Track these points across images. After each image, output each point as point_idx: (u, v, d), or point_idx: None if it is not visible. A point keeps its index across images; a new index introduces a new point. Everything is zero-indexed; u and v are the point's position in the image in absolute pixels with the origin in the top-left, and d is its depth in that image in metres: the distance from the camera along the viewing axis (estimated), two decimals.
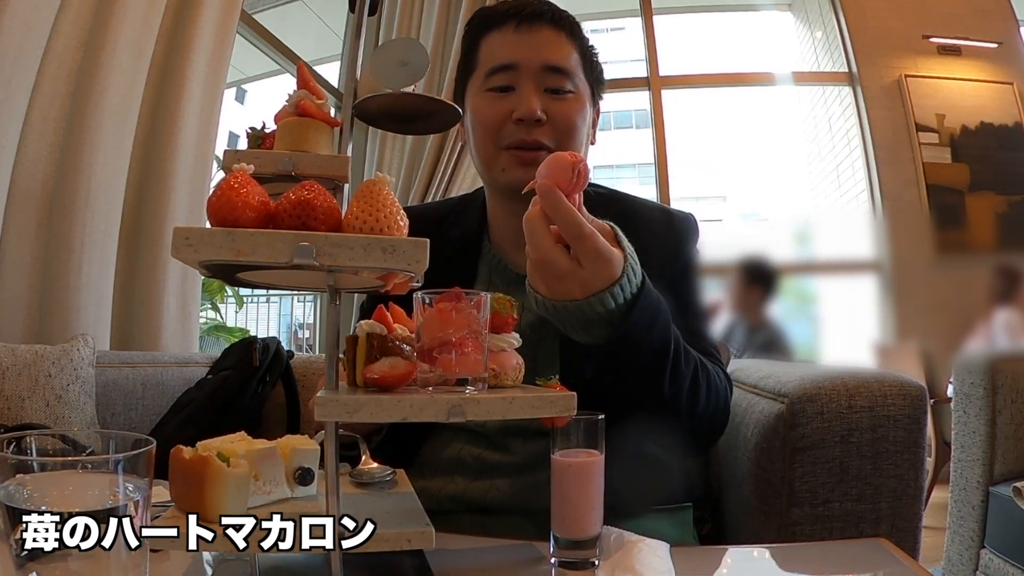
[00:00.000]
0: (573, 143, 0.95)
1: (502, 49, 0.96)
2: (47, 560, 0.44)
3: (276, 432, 0.70)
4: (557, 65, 0.95)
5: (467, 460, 0.97)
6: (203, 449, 0.64)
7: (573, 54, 0.97)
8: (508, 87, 0.95)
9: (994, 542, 1.56)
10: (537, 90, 0.94)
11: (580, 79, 0.97)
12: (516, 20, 0.96)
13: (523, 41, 0.95)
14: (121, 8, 1.86)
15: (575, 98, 0.96)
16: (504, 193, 1.00)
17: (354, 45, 0.68)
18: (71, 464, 0.45)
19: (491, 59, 0.97)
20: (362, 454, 0.77)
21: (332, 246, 0.52)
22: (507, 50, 0.96)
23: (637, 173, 7.66)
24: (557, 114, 0.94)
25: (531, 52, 0.94)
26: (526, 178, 0.92)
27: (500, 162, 0.96)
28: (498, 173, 0.97)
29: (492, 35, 0.98)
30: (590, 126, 1.01)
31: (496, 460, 0.96)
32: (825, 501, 0.93)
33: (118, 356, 1.66)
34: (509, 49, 0.95)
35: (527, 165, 0.94)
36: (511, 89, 0.95)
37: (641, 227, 1.01)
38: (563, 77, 0.95)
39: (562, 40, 0.96)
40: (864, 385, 0.94)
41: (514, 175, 0.95)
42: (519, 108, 0.93)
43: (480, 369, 0.60)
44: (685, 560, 0.69)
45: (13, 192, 1.66)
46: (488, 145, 0.97)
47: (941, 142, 3.80)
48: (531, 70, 0.94)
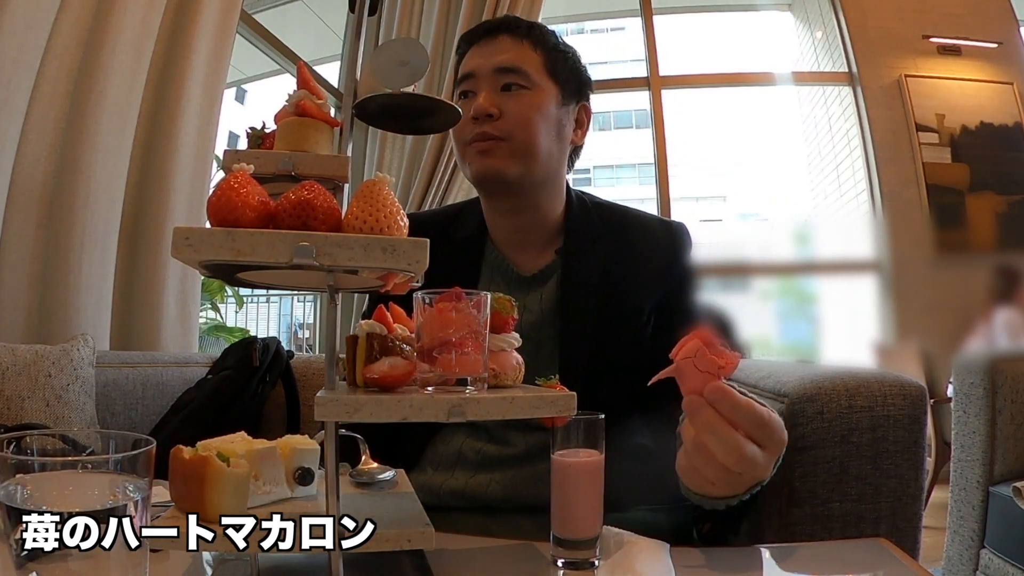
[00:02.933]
0: (528, 134, 1.01)
1: (468, 62, 1.06)
2: (47, 560, 0.44)
3: (276, 432, 0.70)
4: (508, 66, 1.02)
5: (468, 455, 0.98)
6: (203, 449, 0.64)
7: (531, 55, 1.04)
8: (470, 92, 1.04)
9: (994, 542, 1.56)
10: (492, 90, 1.02)
11: (540, 77, 1.03)
12: (480, 36, 1.07)
13: (482, 52, 1.05)
14: (121, 8, 1.86)
15: (531, 94, 1.02)
16: (477, 188, 1.06)
17: (354, 45, 0.68)
18: (71, 464, 0.45)
19: (460, 72, 1.07)
20: (362, 454, 0.77)
21: (332, 246, 0.52)
22: (470, 62, 1.06)
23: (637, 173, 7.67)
24: (510, 108, 1.01)
25: (486, 60, 1.04)
26: (484, 167, 1.02)
27: (467, 158, 1.03)
28: (467, 168, 1.04)
29: (467, 54, 1.08)
30: (560, 122, 1.05)
31: (496, 453, 0.98)
32: (825, 501, 0.93)
33: (118, 356, 1.66)
34: (471, 60, 1.06)
35: (483, 155, 1.01)
36: (473, 94, 1.03)
37: (638, 238, 1.07)
38: (515, 75, 1.02)
39: (520, 45, 1.04)
40: (864, 385, 0.94)
41: (475, 166, 1.02)
42: (473, 106, 1.01)
43: (480, 369, 0.60)
44: (685, 560, 0.69)
45: (13, 192, 1.66)
46: (458, 145, 1.05)
47: (941, 142, 3.80)
48: (486, 74, 1.03)
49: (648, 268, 1.04)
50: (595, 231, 1.06)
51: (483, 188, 1.05)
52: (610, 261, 1.03)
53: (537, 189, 1.04)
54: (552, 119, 1.04)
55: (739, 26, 6.36)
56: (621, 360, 0.99)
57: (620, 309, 1.01)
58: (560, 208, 1.08)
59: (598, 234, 1.06)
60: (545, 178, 1.04)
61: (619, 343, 1.00)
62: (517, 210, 1.05)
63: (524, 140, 1.00)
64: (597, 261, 1.03)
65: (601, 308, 1.01)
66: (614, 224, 1.08)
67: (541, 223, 1.06)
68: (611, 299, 1.01)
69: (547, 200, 1.06)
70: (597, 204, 1.11)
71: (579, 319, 1.00)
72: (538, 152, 1.02)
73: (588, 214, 1.08)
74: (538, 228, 1.06)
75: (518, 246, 1.07)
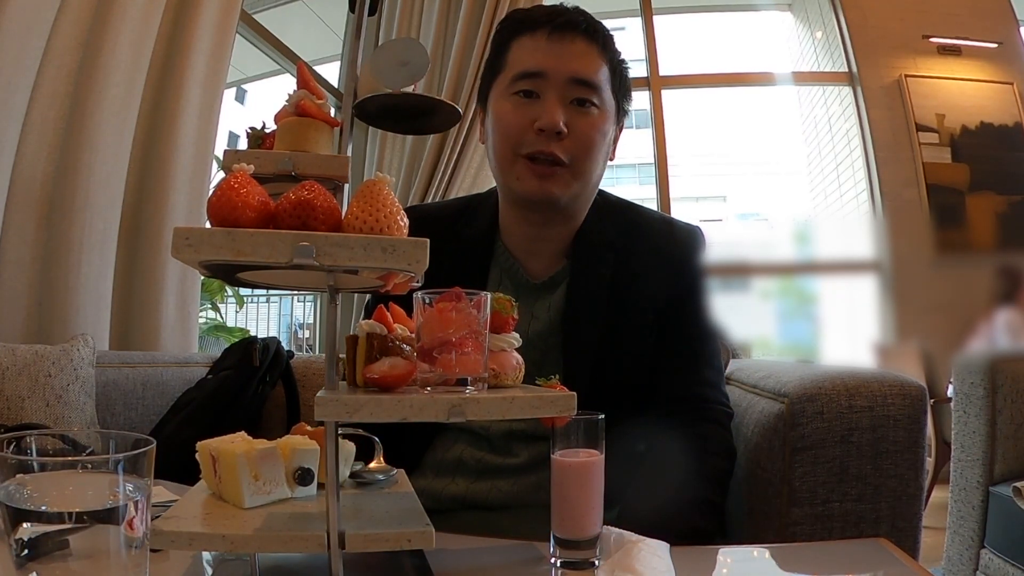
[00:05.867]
0: (590, 160, 0.95)
1: (533, 55, 0.95)
2: (47, 560, 0.44)
3: (276, 432, 0.69)
4: (585, 78, 0.94)
5: (468, 462, 0.97)
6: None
7: (603, 68, 0.96)
8: (534, 93, 0.94)
9: (994, 542, 1.56)
10: (562, 101, 0.93)
11: (607, 94, 0.96)
12: (550, 27, 0.95)
13: (554, 50, 0.94)
14: (121, 8, 1.85)
15: (599, 114, 0.95)
16: (516, 201, 1.00)
17: (354, 45, 0.68)
18: (71, 464, 0.45)
19: (520, 63, 0.96)
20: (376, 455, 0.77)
21: (332, 246, 0.52)
22: (537, 56, 0.94)
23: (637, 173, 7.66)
24: (579, 128, 0.93)
25: (561, 62, 0.93)
26: (540, 191, 0.94)
27: (516, 170, 0.95)
28: (513, 181, 0.97)
29: (523, 39, 0.97)
30: (611, 142, 1.00)
31: (498, 463, 0.96)
32: (825, 501, 0.93)
33: (118, 356, 1.66)
34: (539, 56, 0.94)
35: (542, 179, 0.93)
36: (536, 96, 0.94)
37: (649, 244, 1.02)
38: (590, 90, 0.94)
39: (593, 53, 0.95)
40: (864, 385, 0.94)
41: (528, 186, 0.94)
42: (542, 118, 0.92)
43: (480, 369, 0.60)
44: (685, 560, 0.69)
45: (13, 192, 1.66)
46: (507, 150, 0.96)
47: (941, 142, 3.80)
48: (559, 80, 0.93)
49: (657, 275, 1.00)
50: (607, 237, 1.02)
51: (529, 207, 0.99)
52: (620, 268, 1.00)
53: (580, 206, 1.00)
54: (607, 140, 0.98)
55: (739, 26, 6.36)
56: (624, 373, 0.97)
57: (627, 318, 0.98)
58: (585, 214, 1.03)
59: (610, 240, 1.01)
60: (589, 197, 1.01)
61: (623, 355, 0.97)
62: (548, 223, 1.00)
63: (584, 166, 0.94)
64: (607, 268, 1.00)
65: (608, 318, 0.98)
66: (626, 228, 1.04)
67: (564, 230, 1.02)
68: (618, 309, 0.98)
69: (582, 212, 1.02)
70: (611, 206, 1.06)
71: (583, 331, 0.97)
72: (592, 178, 0.97)
73: (602, 218, 1.03)
74: (560, 236, 1.02)
75: (532, 250, 1.02)
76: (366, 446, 0.75)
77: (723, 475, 0.93)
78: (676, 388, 0.98)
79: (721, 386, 1.02)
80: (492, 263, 1.03)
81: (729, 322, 1.17)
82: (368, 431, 0.73)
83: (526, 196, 0.96)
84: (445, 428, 0.99)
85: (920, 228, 3.72)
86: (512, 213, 1.03)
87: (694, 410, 0.97)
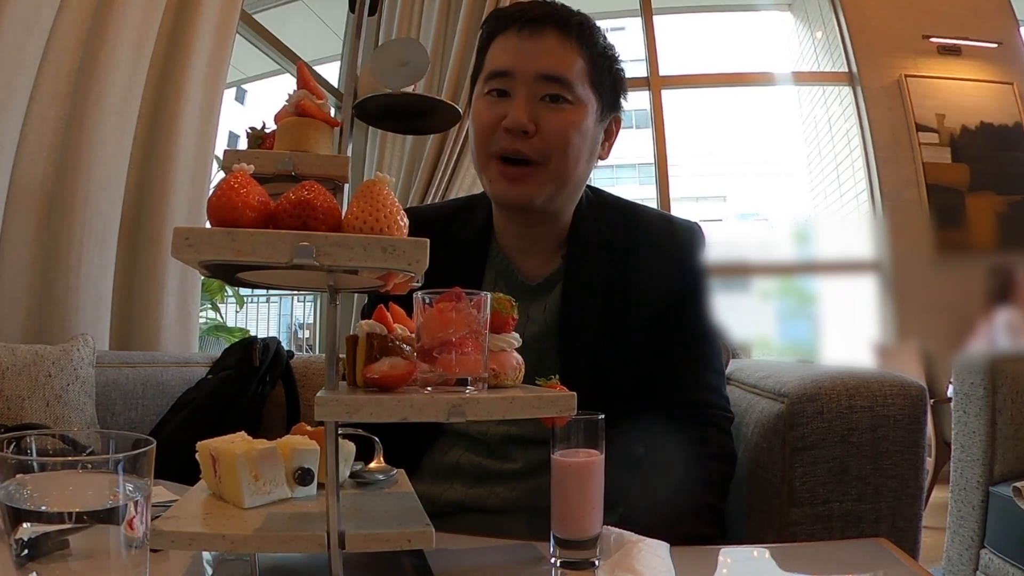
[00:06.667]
0: (565, 157, 0.92)
1: (504, 54, 0.94)
2: (47, 560, 0.44)
3: (276, 432, 0.69)
4: (554, 74, 0.92)
5: (466, 467, 0.97)
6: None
7: (578, 62, 0.93)
8: (505, 92, 0.93)
9: (994, 542, 1.56)
10: (530, 99, 0.92)
11: (583, 89, 0.93)
12: (519, 24, 0.93)
13: (523, 47, 0.92)
14: (121, 8, 1.86)
15: (572, 109, 0.93)
16: (498, 207, 1.00)
17: (354, 45, 0.68)
18: (71, 464, 0.45)
19: (492, 63, 0.95)
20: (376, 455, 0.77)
21: (332, 246, 0.52)
22: (507, 55, 0.93)
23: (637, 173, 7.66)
24: (549, 125, 0.91)
25: (528, 60, 0.92)
26: (510, 193, 0.93)
27: (489, 171, 0.95)
28: (487, 182, 0.97)
29: (499, 38, 0.96)
30: (595, 140, 0.98)
31: (496, 468, 0.96)
32: (825, 501, 0.93)
33: (118, 356, 1.66)
34: (509, 54, 0.93)
35: (512, 181, 0.92)
36: (507, 95, 0.93)
37: (646, 242, 1.01)
38: (560, 86, 0.92)
39: (567, 47, 0.93)
40: (864, 385, 0.94)
41: (499, 188, 0.94)
42: (508, 116, 0.91)
43: (480, 369, 0.60)
44: (685, 560, 0.69)
45: (13, 192, 1.66)
46: (480, 150, 0.96)
47: (941, 142, 3.80)
48: (527, 78, 0.92)
49: (656, 273, 0.99)
50: (602, 235, 1.00)
51: (504, 209, 0.99)
52: (616, 267, 0.98)
53: (559, 206, 0.99)
54: (588, 137, 0.95)
55: (739, 26, 6.36)
56: (623, 374, 0.96)
57: (625, 318, 0.97)
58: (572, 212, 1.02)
59: (605, 239, 1.00)
60: (569, 197, 0.99)
61: (622, 356, 0.97)
62: (533, 223, 1.00)
63: (558, 165, 0.92)
64: (602, 268, 0.98)
65: (604, 318, 0.96)
66: (623, 226, 1.02)
67: (553, 230, 1.01)
68: (616, 309, 0.97)
69: (566, 211, 1.01)
70: (607, 204, 1.05)
71: (579, 334, 0.96)
72: (570, 177, 0.94)
73: (596, 217, 1.02)
74: (550, 235, 1.01)
75: (526, 251, 1.02)
76: (366, 446, 0.75)
77: (724, 479, 0.93)
78: (677, 392, 0.97)
79: (722, 389, 1.01)
80: (487, 265, 1.02)
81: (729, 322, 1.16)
82: (368, 431, 0.73)
83: (498, 199, 0.96)
84: (443, 432, 0.99)
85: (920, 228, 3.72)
86: (499, 213, 1.03)
87: (695, 414, 0.96)
